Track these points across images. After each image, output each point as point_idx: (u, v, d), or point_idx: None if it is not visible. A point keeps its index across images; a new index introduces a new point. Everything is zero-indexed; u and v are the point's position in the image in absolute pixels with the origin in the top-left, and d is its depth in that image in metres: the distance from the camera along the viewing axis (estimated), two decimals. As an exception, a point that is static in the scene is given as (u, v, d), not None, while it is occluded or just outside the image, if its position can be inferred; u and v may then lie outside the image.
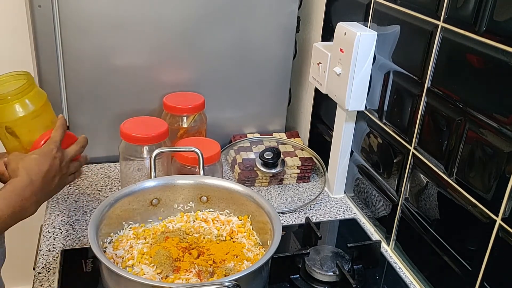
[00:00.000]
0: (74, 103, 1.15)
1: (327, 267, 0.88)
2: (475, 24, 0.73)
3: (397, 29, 0.92)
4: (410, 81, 0.90)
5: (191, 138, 1.09)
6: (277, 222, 0.82)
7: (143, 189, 0.90)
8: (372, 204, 1.06)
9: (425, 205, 0.88)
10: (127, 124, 1.04)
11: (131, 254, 0.82)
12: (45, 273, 0.89)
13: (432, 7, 0.82)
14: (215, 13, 1.16)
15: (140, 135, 1.01)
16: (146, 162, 1.02)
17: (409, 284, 0.91)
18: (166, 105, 1.15)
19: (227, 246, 0.86)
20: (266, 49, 1.25)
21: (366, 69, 1.00)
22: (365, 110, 1.05)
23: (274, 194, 1.17)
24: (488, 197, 0.73)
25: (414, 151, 0.90)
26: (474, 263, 0.76)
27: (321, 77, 1.11)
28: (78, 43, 1.10)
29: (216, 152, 1.02)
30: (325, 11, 1.22)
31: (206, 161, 0.97)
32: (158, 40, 1.15)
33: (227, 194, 0.93)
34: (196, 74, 1.22)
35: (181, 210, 0.95)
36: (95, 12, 1.09)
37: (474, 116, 0.75)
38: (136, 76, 1.17)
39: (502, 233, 0.71)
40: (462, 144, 0.78)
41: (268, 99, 1.32)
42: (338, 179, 1.16)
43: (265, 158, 1.15)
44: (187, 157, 1.01)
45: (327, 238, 1.05)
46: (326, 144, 1.23)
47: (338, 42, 1.03)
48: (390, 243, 1.00)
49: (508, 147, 0.69)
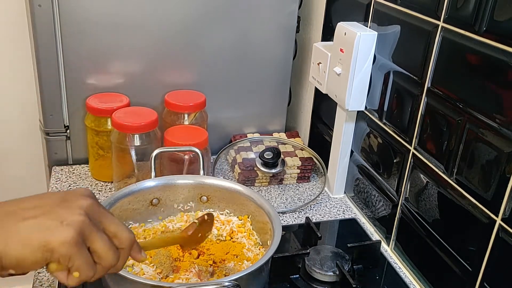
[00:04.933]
0: (75, 103, 1.15)
1: (327, 267, 0.88)
2: (475, 24, 0.73)
3: (397, 29, 0.92)
4: (410, 81, 0.90)
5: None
6: (277, 222, 0.82)
7: (143, 189, 0.90)
8: (372, 204, 1.06)
9: (425, 205, 0.88)
10: (118, 113, 1.06)
11: (131, 254, 0.82)
12: (45, 273, 0.89)
13: (432, 7, 0.82)
14: (215, 13, 1.16)
15: (130, 124, 1.03)
16: (132, 152, 1.05)
17: (409, 284, 0.91)
18: (167, 103, 1.15)
19: (227, 246, 0.86)
20: (266, 49, 1.25)
21: (366, 69, 1.00)
22: (365, 110, 1.05)
23: (274, 194, 1.17)
24: (488, 197, 0.73)
25: (414, 151, 0.90)
26: (474, 263, 0.76)
27: (321, 77, 1.11)
28: (78, 43, 1.10)
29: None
30: (325, 11, 1.22)
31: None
32: (158, 40, 1.15)
33: (227, 194, 0.93)
34: (195, 74, 1.22)
35: (181, 210, 0.95)
36: (95, 11, 1.09)
37: (474, 116, 0.75)
38: (136, 76, 1.17)
39: (502, 233, 0.71)
40: (462, 144, 0.78)
41: (268, 99, 1.32)
42: (338, 179, 1.16)
43: (265, 158, 1.15)
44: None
45: (327, 238, 1.04)
46: (326, 144, 1.23)
47: (338, 42, 1.03)
48: (390, 243, 1.00)
49: (508, 147, 0.69)
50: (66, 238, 0.50)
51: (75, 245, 0.51)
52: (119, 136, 1.04)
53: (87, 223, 0.52)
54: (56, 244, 0.50)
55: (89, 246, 0.53)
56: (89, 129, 1.12)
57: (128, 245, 0.57)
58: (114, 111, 1.07)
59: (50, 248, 0.50)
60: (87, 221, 0.53)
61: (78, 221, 0.52)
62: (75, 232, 0.51)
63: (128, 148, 1.05)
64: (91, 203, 0.55)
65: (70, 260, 0.51)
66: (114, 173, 1.09)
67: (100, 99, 1.12)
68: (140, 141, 1.05)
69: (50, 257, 0.50)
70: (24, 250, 0.50)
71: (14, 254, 0.49)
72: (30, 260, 0.50)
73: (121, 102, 1.12)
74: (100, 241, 0.53)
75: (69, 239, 0.50)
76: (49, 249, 0.50)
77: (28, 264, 0.50)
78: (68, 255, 0.51)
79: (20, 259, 0.50)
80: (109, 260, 0.54)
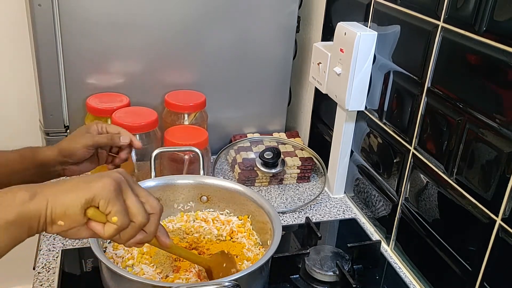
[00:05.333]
0: (75, 103, 1.15)
1: (327, 267, 0.88)
2: (475, 24, 0.73)
3: (397, 29, 0.92)
4: (410, 81, 0.90)
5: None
6: (277, 222, 0.82)
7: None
8: (372, 204, 1.06)
9: (425, 205, 0.88)
10: (118, 113, 1.06)
11: (131, 253, 0.82)
12: (45, 272, 0.89)
13: (432, 7, 0.82)
14: (215, 13, 1.16)
15: (130, 124, 1.03)
16: (132, 152, 1.04)
17: (409, 284, 0.91)
18: (167, 103, 1.15)
19: (227, 246, 0.86)
20: (266, 49, 1.25)
21: (366, 69, 1.00)
22: (365, 110, 1.05)
23: (274, 194, 1.17)
24: (488, 197, 0.73)
25: (414, 151, 0.90)
26: (474, 263, 0.76)
27: (321, 77, 1.11)
28: (78, 43, 1.10)
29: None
30: (325, 11, 1.22)
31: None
32: (158, 40, 1.15)
33: (227, 194, 0.93)
34: (195, 74, 1.22)
35: (181, 210, 0.95)
36: (95, 11, 1.09)
37: (474, 116, 0.75)
38: (136, 76, 1.17)
39: (502, 233, 0.71)
40: (462, 144, 0.78)
41: (268, 99, 1.32)
42: (338, 179, 1.16)
43: (265, 158, 1.15)
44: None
45: (327, 238, 1.05)
46: (326, 144, 1.23)
47: (338, 42, 1.03)
48: (390, 243, 1.00)
49: (508, 147, 0.69)
50: (105, 183, 0.57)
51: (114, 191, 0.57)
52: None
53: (123, 180, 0.60)
54: (98, 187, 0.57)
55: (124, 199, 0.59)
56: (89, 129, 1.12)
57: (157, 211, 0.62)
58: (114, 111, 1.07)
59: (93, 191, 0.56)
60: (123, 178, 0.60)
61: (115, 176, 0.59)
62: (114, 181, 0.58)
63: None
64: (124, 172, 0.62)
65: (109, 204, 0.57)
66: (114, 173, 1.09)
67: (100, 99, 1.12)
68: (140, 141, 1.04)
69: (92, 199, 0.56)
70: (70, 196, 0.56)
71: (61, 201, 0.55)
72: (75, 206, 0.56)
73: (121, 102, 1.12)
74: (134, 198, 0.60)
75: (109, 185, 0.57)
76: (92, 192, 0.56)
77: (74, 210, 0.56)
78: (107, 199, 0.57)
79: (67, 205, 0.56)
80: (140, 217, 0.59)
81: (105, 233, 0.58)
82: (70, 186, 0.58)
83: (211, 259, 0.79)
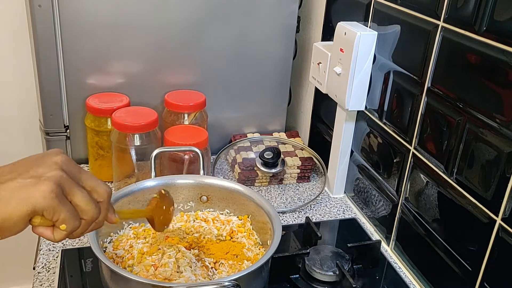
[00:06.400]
0: (75, 103, 1.15)
1: (327, 267, 0.88)
2: (475, 24, 0.73)
3: (397, 29, 0.92)
4: (410, 81, 0.90)
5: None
6: (277, 222, 0.82)
7: (143, 189, 0.90)
8: (372, 204, 1.06)
9: (425, 205, 0.88)
10: (118, 113, 1.06)
11: (131, 253, 0.82)
12: (45, 272, 0.89)
13: (432, 7, 0.82)
14: (215, 13, 1.16)
15: (130, 123, 1.03)
16: (132, 152, 1.05)
17: (409, 284, 0.91)
18: (167, 103, 1.15)
19: (227, 245, 0.86)
20: (266, 49, 1.25)
21: (366, 69, 1.00)
22: (365, 110, 1.05)
23: (274, 194, 1.17)
24: (488, 197, 0.73)
25: (414, 151, 0.90)
26: (474, 263, 0.76)
27: (321, 77, 1.11)
28: (78, 43, 1.10)
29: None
30: (325, 11, 1.22)
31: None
32: (158, 40, 1.15)
33: (227, 194, 0.93)
34: (195, 74, 1.22)
35: (181, 210, 0.95)
36: (95, 11, 1.09)
37: (474, 116, 0.75)
38: (136, 76, 1.17)
39: (502, 233, 0.71)
40: (462, 144, 0.78)
41: (268, 99, 1.32)
42: (338, 179, 1.16)
43: (265, 158, 1.15)
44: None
45: (327, 238, 1.04)
46: (326, 144, 1.23)
47: (338, 42, 1.03)
48: (390, 243, 1.00)
49: (508, 147, 0.69)
50: (45, 190, 0.51)
51: (56, 197, 0.52)
52: (119, 136, 1.05)
53: (64, 177, 0.54)
54: (37, 197, 0.51)
55: (70, 200, 0.54)
56: (89, 129, 1.12)
57: (106, 197, 0.58)
58: (114, 111, 1.07)
59: (33, 202, 0.51)
60: (64, 175, 0.54)
61: (55, 175, 0.53)
62: (54, 185, 0.52)
63: (128, 148, 1.05)
64: (65, 159, 0.56)
65: (54, 213, 0.52)
66: (114, 173, 1.09)
67: (100, 99, 1.12)
68: (140, 141, 1.05)
69: (33, 211, 0.51)
70: (7, 207, 0.50)
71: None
72: (15, 217, 0.51)
73: (121, 102, 1.12)
74: (80, 194, 0.55)
75: (49, 192, 0.51)
76: (32, 203, 0.51)
77: (14, 221, 0.51)
78: (51, 208, 0.52)
79: (5, 217, 0.50)
80: (91, 213, 0.55)
81: (55, 238, 0.55)
82: (4, 195, 0.51)
83: (150, 207, 0.76)
